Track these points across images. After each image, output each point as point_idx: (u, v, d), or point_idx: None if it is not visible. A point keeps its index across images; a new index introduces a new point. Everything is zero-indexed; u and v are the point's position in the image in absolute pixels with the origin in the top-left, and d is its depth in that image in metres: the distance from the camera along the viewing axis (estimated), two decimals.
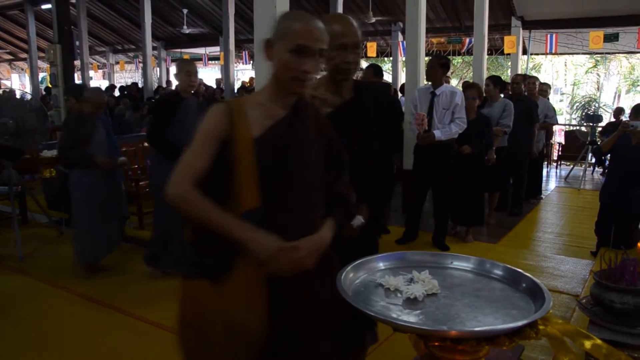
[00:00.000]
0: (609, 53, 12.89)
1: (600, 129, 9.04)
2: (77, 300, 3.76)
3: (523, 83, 6.38)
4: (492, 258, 1.70)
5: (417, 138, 4.70)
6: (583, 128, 10.99)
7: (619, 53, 13.28)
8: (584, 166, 9.06)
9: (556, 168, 10.27)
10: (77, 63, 13.34)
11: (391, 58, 13.36)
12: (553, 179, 9.32)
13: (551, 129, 8.58)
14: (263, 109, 1.57)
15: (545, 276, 4.24)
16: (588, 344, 1.44)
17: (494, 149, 5.29)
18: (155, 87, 13.44)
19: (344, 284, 1.45)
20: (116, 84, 16.45)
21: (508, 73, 13.89)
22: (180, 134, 3.56)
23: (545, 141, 7.38)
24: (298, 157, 1.58)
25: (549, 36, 10.40)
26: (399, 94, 8.46)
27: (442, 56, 5.17)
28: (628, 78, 19.40)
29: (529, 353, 2.90)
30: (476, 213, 5.13)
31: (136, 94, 13.44)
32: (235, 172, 1.48)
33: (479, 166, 5.05)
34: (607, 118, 12.22)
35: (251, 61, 15.17)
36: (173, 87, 14.07)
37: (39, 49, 15.54)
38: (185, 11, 14.40)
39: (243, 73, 18.43)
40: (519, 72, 9.83)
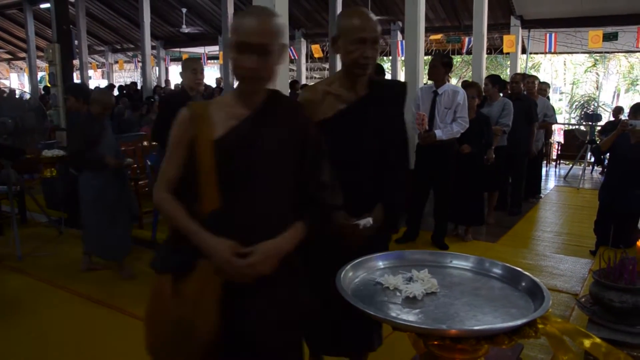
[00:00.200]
0: (608, 52, 12.88)
1: (599, 128, 9.04)
2: (77, 299, 3.76)
3: (522, 82, 6.37)
4: (492, 257, 1.70)
5: (418, 138, 4.70)
6: (582, 127, 10.99)
7: (618, 52, 13.28)
8: (583, 165, 9.07)
9: (555, 167, 10.27)
10: (76, 62, 13.33)
11: (390, 57, 13.36)
12: (552, 178, 9.32)
13: (550, 128, 8.59)
14: (228, 110, 1.56)
15: (544, 275, 4.24)
16: (587, 343, 1.44)
17: (493, 148, 5.30)
18: (153, 87, 13.43)
19: (344, 283, 1.46)
20: (115, 84, 16.44)
21: (507, 72, 13.89)
22: None
23: (544, 140, 7.38)
24: (261, 158, 1.54)
25: (548, 35, 10.40)
26: None
27: (445, 55, 5.15)
28: (627, 77, 19.40)
29: (528, 352, 2.90)
30: (476, 212, 5.12)
31: (134, 94, 13.42)
32: (198, 174, 1.51)
33: (479, 165, 5.05)
34: (606, 117, 12.24)
35: None
36: (172, 87, 14.11)
37: (38, 48, 15.52)
38: (184, 10, 14.39)
39: None
40: (518, 72, 9.83)
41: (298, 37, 14.16)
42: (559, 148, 10.57)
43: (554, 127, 10.36)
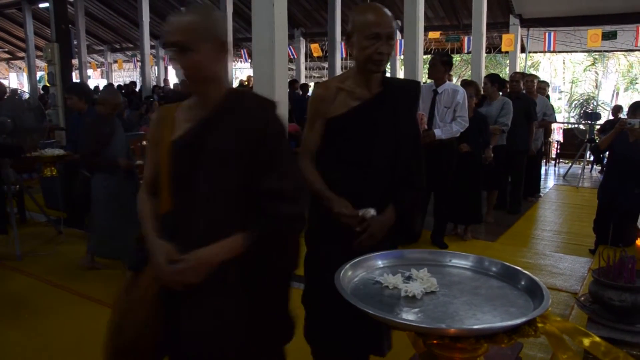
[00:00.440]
0: (607, 51, 12.87)
1: (598, 127, 9.04)
2: (77, 299, 3.75)
3: (522, 81, 6.37)
4: (491, 256, 1.70)
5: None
6: (581, 126, 10.99)
7: (617, 51, 13.26)
8: (583, 164, 9.07)
9: (555, 166, 10.28)
10: (75, 62, 13.31)
11: None
12: (551, 177, 9.32)
13: (550, 127, 8.59)
14: (189, 112, 1.56)
15: (543, 274, 4.24)
16: (586, 342, 1.44)
17: (492, 147, 5.29)
18: (153, 86, 13.42)
19: (343, 282, 1.45)
20: (114, 83, 16.41)
21: (506, 71, 13.89)
22: None
23: (543, 139, 7.39)
24: (204, 162, 1.49)
25: (547, 34, 10.39)
26: None
27: (444, 53, 5.15)
28: (626, 76, 19.40)
29: (528, 351, 2.90)
30: (474, 211, 5.12)
31: (133, 94, 13.40)
32: (159, 175, 1.55)
33: (477, 164, 5.04)
34: (606, 116, 12.23)
35: (249, 59, 15.14)
36: (170, 86, 14.09)
37: (37, 48, 15.51)
38: (183, 10, 14.36)
39: (241, 71, 18.42)
40: (518, 70, 9.83)
41: (297, 36, 14.15)
42: (558, 147, 10.58)
43: (554, 126, 10.36)
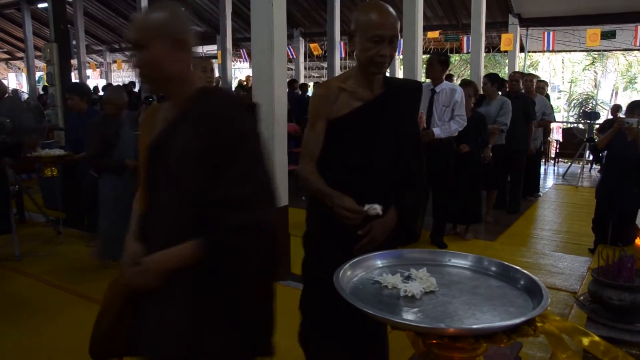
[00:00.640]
0: (606, 50, 12.87)
1: (597, 126, 9.04)
2: (76, 299, 3.75)
3: (521, 80, 6.38)
4: (490, 255, 1.70)
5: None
6: (580, 125, 10.99)
7: (616, 50, 13.28)
8: (582, 163, 9.07)
9: (554, 165, 10.28)
10: (74, 62, 13.30)
11: None
12: (551, 177, 9.33)
13: (549, 127, 8.59)
14: (166, 112, 1.54)
15: (543, 273, 4.24)
16: (586, 341, 1.44)
17: (491, 147, 5.29)
18: None
19: (342, 282, 1.45)
20: (113, 83, 16.39)
21: (505, 70, 13.89)
22: None
23: (542, 138, 7.39)
24: (167, 166, 1.46)
25: (546, 34, 10.40)
26: None
27: (442, 53, 5.16)
28: (625, 75, 19.41)
29: (527, 350, 2.90)
30: (474, 211, 5.12)
31: (131, 94, 13.37)
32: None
33: (476, 164, 5.04)
34: (605, 115, 12.23)
35: (249, 59, 15.14)
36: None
37: (36, 48, 15.50)
38: (182, 10, 14.36)
39: (241, 71, 18.42)
40: (517, 70, 9.83)
41: (296, 36, 14.14)
42: (558, 146, 10.58)
43: (553, 126, 10.36)
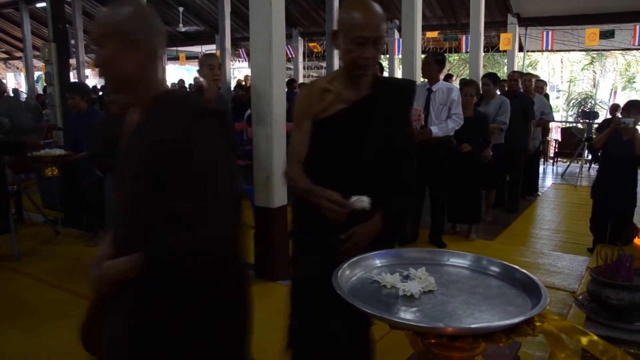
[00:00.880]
0: (605, 50, 12.89)
1: (596, 126, 9.05)
2: (75, 300, 3.74)
3: (520, 80, 6.39)
4: (489, 255, 1.70)
5: (414, 134, 4.69)
6: (579, 125, 11.00)
7: (615, 50, 13.30)
8: (581, 163, 9.07)
9: (553, 165, 10.29)
10: (73, 61, 13.28)
11: (387, 55, 13.35)
12: (549, 176, 9.33)
13: (548, 126, 8.60)
14: (131, 116, 1.51)
15: (542, 273, 4.24)
16: (584, 340, 1.45)
17: (491, 146, 5.29)
18: None
19: (341, 281, 1.45)
20: None
21: (504, 70, 13.90)
22: None
23: (541, 138, 7.40)
24: (124, 172, 1.44)
25: (545, 33, 10.40)
26: None
27: (437, 52, 5.17)
28: (624, 75, 19.45)
29: (526, 349, 2.90)
30: (474, 210, 5.11)
31: None
32: None
33: (477, 164, 5.03)
34: (603, 115, 12.23)
35: (248, 59, 15.14)
36: (168, 85, 14.04)
37: (34, 48, 15.47)
38: (181, 9, 14.36)
39: (240, 71, 18.42)
40: (515, 69, 9.84)
41: (295, 36, 14.13)
42: (556, 146, 10.59)
43: (552, 125, 10.37)
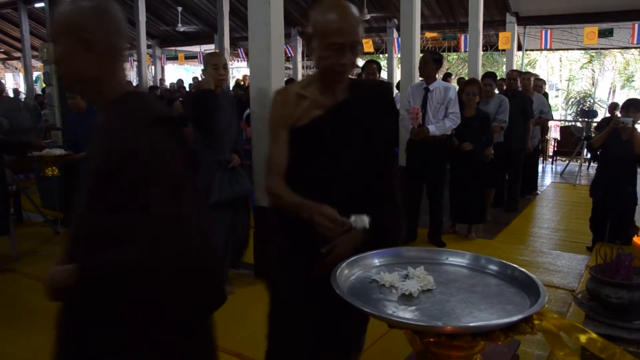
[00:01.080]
0: (604, 48, 12.94)
1: (595, 125, 9.06)
2: None
3: (519, 79, 6.39)
4: (488, 254, 1.70)
5: (411, 133, 4.69)
6: (578, 124, 11.01)
7: (614, 48, 13.33)
8: (580, 162, 9.09)
9: (552, 164, 10.30)
10: None
11: (386, 55, 13.35)
12: (549, 175, 9.34)
13: (547, 125, 8.60)
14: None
15: (541, 271, 4.25)
16: (583, 338, 1.45)
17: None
18: (149, 86, 13.38)
19: (339, 280, 1.45)
20: None
21: (503, 69, 13.91)
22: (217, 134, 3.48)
23: (540, 137, 7.40)
24: (84, 180, 1.34)
25: (544, 32, 10.42)
26: (395, 91, 8.45)
27: (435, 51, 5.16)
28: (623, 73, 19.47)
29: (525, 348, 2.90)
30: (477, 210, 5.09)
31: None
32: None
33: (479, 163, 5.01)
34: (602, 113, 12.25)
35: (247, 58, 15.13)
36: (167, 86, 14.06)
37: (33, 48, 15.46)
38: (179, 9, 14.35)
39: (238, 71, 18.41)
40: (514, 68, 9.85)
41: (294, 35, 14.13)
42: (556, 144, 10.60)
43: (551, 124, 10.38)
